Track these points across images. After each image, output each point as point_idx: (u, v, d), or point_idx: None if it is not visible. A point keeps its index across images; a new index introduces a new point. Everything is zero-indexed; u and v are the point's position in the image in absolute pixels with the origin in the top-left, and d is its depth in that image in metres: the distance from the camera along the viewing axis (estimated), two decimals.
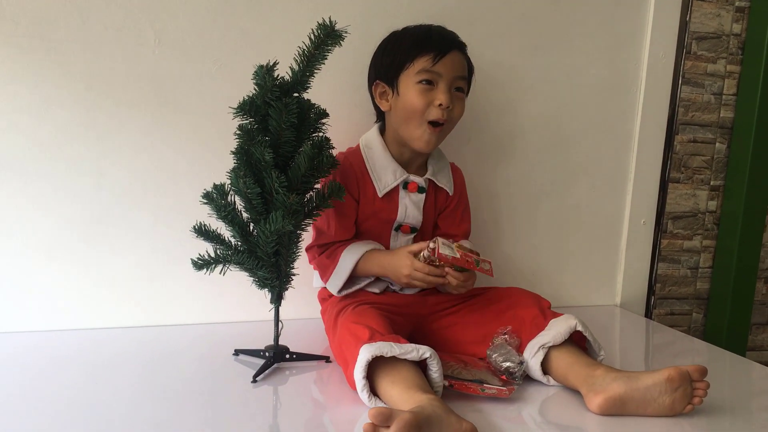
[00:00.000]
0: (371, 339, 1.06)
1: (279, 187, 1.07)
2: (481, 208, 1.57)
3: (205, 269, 1.10)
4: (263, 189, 1.09)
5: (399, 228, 1.35)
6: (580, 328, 1.16)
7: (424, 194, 1.34)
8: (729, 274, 1.79)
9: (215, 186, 1.11)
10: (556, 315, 1.22)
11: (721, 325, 1.81)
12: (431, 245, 1.20)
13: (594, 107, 1.67)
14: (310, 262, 1.37)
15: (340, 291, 1.28)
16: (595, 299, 1.75)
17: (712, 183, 1.81)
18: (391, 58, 1.29)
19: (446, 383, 1.08)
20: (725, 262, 1.80)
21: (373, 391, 1.04)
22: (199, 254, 1.11)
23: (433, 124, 1.26)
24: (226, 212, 1.10)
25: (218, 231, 1.13)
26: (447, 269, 1.20)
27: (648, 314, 1.80)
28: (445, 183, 1.37)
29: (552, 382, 1.17)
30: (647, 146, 1.72)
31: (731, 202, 1.79)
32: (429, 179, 1.35)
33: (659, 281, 1.80)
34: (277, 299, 1.17)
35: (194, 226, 1.12)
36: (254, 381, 1.12)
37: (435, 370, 1.05)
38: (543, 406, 1.10)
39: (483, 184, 1.59)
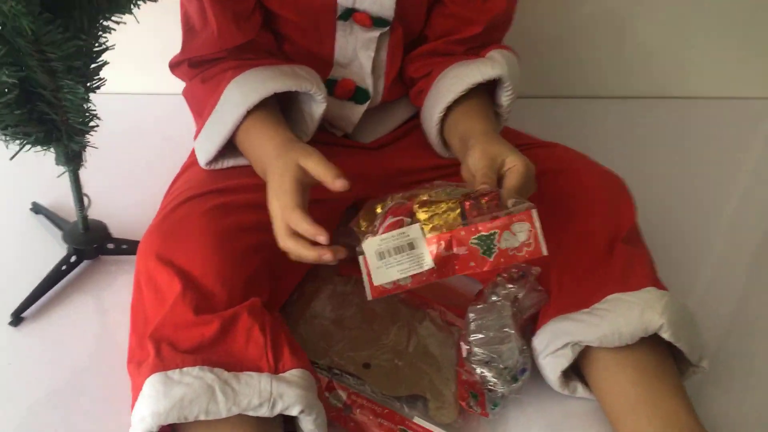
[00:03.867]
0: (173, 310, 0.55)
1: None
2: None
3: None
4: None
5: (350, 16, 0.70)
6: (665, 334, 0.59)
7: None
8: None
9: None
10: (631, 263, 0.64)
11: None
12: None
13: None
14: (184, 94, 0.74)
15: (209, 163, 0.69)
16: None
17: None
18: None
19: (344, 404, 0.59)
20: None
21: None
22: None
23: None
24: None
25: None
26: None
27: None
28: None
29: (581, 392, 0.65)
30: None
31: None
32: None
33: None
34: (68, 160, 0.65)
35: None
36: (14, 324, 0.67)
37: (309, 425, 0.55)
38: None
39: None
